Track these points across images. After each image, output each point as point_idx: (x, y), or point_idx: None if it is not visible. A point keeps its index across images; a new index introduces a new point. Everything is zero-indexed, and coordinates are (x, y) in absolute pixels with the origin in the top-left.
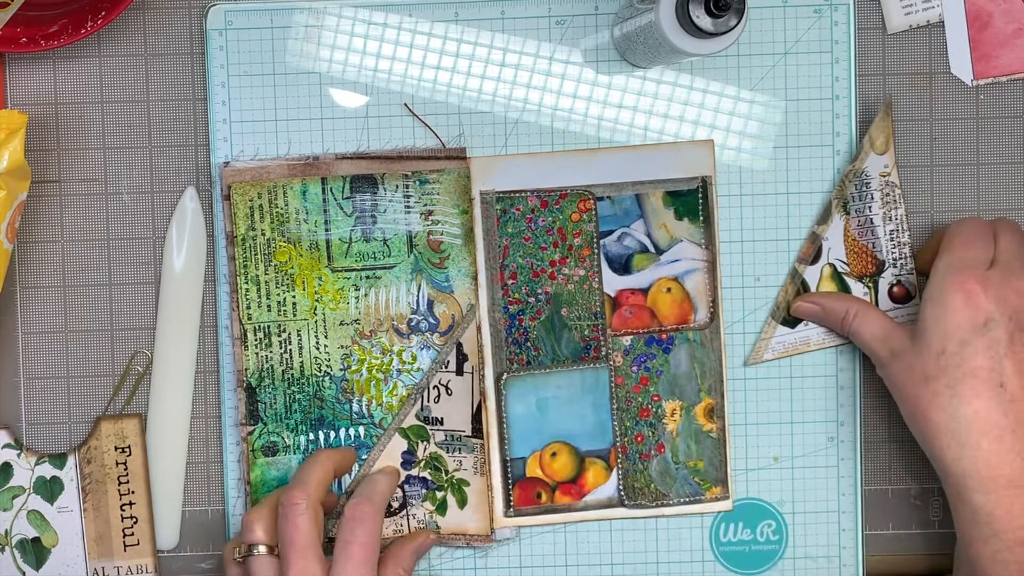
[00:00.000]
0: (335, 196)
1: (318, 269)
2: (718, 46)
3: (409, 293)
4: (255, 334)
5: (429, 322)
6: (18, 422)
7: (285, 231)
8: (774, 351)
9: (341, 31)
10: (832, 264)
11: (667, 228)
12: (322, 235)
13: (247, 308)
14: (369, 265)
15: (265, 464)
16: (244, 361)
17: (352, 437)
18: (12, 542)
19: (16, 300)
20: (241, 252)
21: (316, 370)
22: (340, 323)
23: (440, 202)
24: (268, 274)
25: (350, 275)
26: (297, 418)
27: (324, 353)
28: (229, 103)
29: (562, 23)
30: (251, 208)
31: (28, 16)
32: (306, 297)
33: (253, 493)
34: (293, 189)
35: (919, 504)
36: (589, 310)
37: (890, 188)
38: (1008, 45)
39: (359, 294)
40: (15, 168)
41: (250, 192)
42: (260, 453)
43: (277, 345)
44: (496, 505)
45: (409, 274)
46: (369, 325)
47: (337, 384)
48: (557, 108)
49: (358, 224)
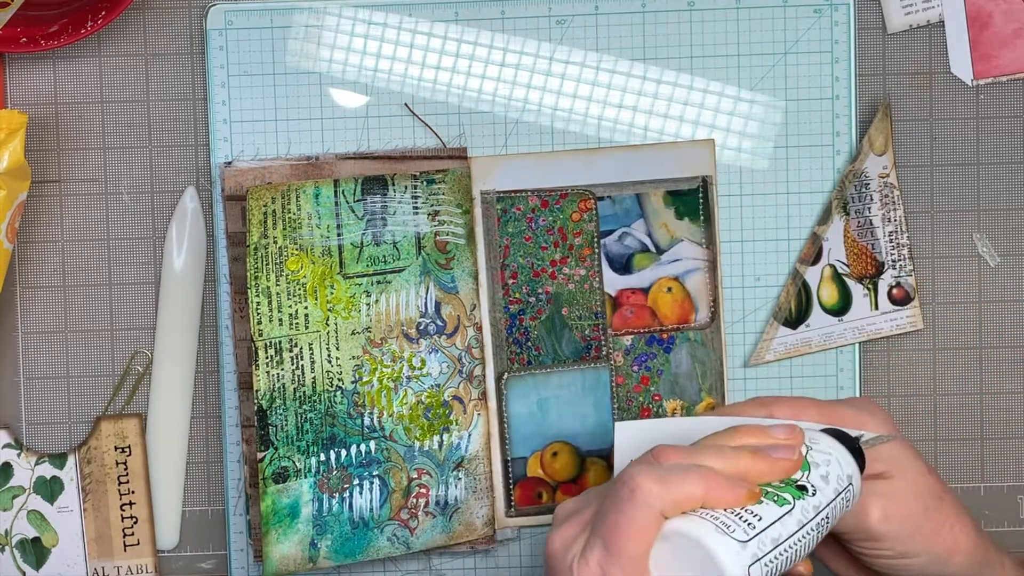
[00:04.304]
0: (347, 199)
1: (330, 276)
2: None
3: (418, 296)
4: (266, 351)
5: (437, 324)
6: (18, 422)
7: (297, 237)
8: (775, 352)
9: (341, 31)
10: (832, 265)
11: (668, 228)
12: (335, 240)
13: (258, 324)
14: (380, 270)
15: (276, 492)
16: (256, 382)
17: (363, 453)
18: (12, 542)
19: (16, 300)
20: (253, 263)
21: (328, 385)
22: (352, 332)
23: (445, 202)
24: (280, 285)
25: (361, 281)
26: (308, 439)
27: (336, 366)
28: (229, 103)
29: (562, 23)
30: (265, 214)
31: (28, 16)
32: (318, 307)
33: (263, 524)
34: (306, 193)
35: None
36: (590, 310)
37: (889, 189)
38: (1008, 45)
39: (370, 300)
40: (15, 168)
41: (265, 196)
42: (271, 481)
43: (288, 362)
44: (497, 505)
45: (418, 277)
46: (380, 332)
47: (348, 398)
48: (557, 108)
49: (369, 227)
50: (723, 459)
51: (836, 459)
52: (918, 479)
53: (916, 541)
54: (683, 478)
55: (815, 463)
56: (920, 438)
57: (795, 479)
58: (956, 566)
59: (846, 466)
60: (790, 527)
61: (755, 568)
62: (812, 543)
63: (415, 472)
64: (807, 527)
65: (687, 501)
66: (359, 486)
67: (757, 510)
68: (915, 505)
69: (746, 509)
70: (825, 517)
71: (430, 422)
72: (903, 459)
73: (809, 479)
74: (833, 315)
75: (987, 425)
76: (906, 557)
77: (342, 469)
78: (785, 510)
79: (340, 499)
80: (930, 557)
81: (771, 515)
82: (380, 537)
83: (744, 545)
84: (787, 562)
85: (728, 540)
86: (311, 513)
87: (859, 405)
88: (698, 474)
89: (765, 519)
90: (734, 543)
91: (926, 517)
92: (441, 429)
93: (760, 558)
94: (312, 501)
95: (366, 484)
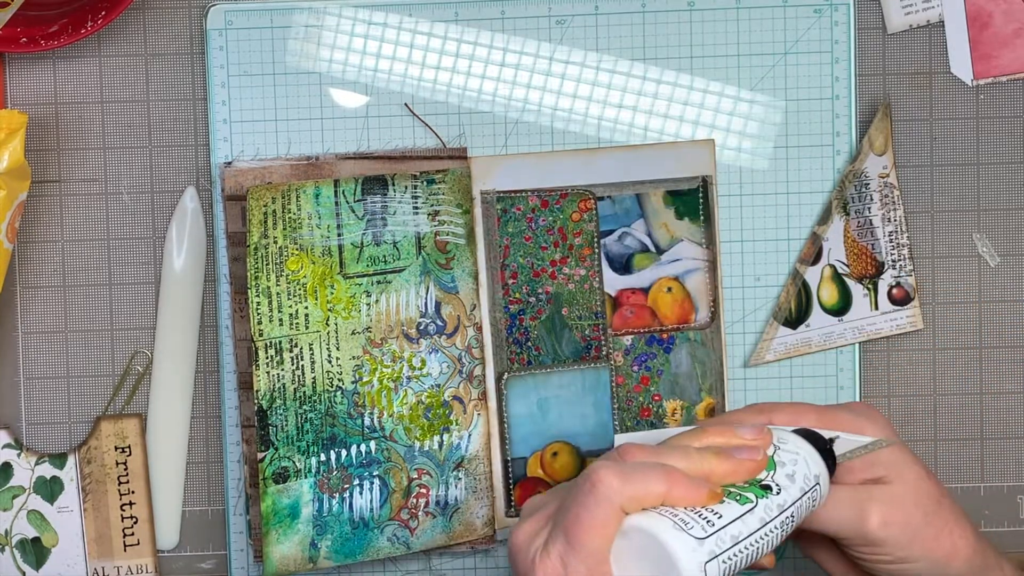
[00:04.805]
0: (347, 199)
1: (331, 277)
2: None
3: (418, 296)
4: (266, 351)
5: (437, 324)
6: (18, 422)
7: (297, 237)
8: (776, 352)
9: (341, 31)
10: (832, 265)
11: (668, 228)
12: (335, 240)
13: (258, 324)
14: (380, 270)
15: (276, 492)
16: (256, 382)
17: (363, 453)
18: (12, 542)
19: (16, 300)
20: (253, 263)
21: (328, 385)
22: (352, 332)
23: (445, 202)
24: (280, 285)
25: (362, 281)
26: (309, 439)
27: (336, 366)
28: (229, 103)
29: (562, 23)
30: (265, 214)
31: (28, 16)
32: (318, 307)
33: (264, 524)
34: (306, 192)
35: None
36: (590, 310)
37: (889, 189)
38: (1008, 45)
39: (370, 300)
40: (15, 168)
41: (265, 196)
42: (271, 481)
43: (289, 362)
44: (497, 505)
45: (418, 277)
46: (380, 332)
47: (349, 398)
48: (557, 108)
49: (369, 227)
50: (687, 459)
51: (804, 459)
52: (917, 484)
53: (915, 546)
54: (645, 475)
55: (781, 462)
56: (920, 438)
57: (759, 478)
58: (955, 570)
59: (813, 466)
60: (751, 525)
61: (712, 565)
62: (775, 541)
63: (415, 472)
64: (769, 525)
65: (648, 498)
66: (359, 486)
67: (719, 508)
68: (914, 510)
69: (707, 508)
70: (790, 516)
71: (430, 422)
72: (902, 464)
73: (774, 478)
74: (833, 315)
75: (987, 425)
76: (905, 562)
77: (342, 469)
78: (747, 508)
79: (340, 499)
80: (929, 562)
81: (732, 513)
82: (380, 537)
83: (701, 542)
84: (747, 559)
85: (685, 536)
86: (311, 513)
87: (858, 410)
88: (661, 472)
89: (725, 517)
90: (691, 540)
91: (925, 522)
92: (441, 429)
93: (718, 555)
94: (312, 501)
95: (366, 484)
